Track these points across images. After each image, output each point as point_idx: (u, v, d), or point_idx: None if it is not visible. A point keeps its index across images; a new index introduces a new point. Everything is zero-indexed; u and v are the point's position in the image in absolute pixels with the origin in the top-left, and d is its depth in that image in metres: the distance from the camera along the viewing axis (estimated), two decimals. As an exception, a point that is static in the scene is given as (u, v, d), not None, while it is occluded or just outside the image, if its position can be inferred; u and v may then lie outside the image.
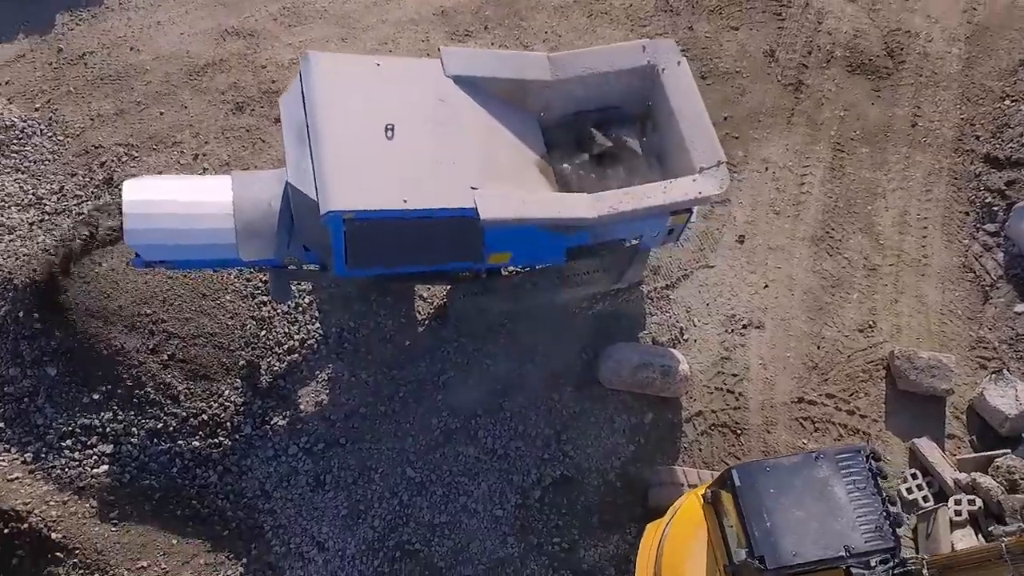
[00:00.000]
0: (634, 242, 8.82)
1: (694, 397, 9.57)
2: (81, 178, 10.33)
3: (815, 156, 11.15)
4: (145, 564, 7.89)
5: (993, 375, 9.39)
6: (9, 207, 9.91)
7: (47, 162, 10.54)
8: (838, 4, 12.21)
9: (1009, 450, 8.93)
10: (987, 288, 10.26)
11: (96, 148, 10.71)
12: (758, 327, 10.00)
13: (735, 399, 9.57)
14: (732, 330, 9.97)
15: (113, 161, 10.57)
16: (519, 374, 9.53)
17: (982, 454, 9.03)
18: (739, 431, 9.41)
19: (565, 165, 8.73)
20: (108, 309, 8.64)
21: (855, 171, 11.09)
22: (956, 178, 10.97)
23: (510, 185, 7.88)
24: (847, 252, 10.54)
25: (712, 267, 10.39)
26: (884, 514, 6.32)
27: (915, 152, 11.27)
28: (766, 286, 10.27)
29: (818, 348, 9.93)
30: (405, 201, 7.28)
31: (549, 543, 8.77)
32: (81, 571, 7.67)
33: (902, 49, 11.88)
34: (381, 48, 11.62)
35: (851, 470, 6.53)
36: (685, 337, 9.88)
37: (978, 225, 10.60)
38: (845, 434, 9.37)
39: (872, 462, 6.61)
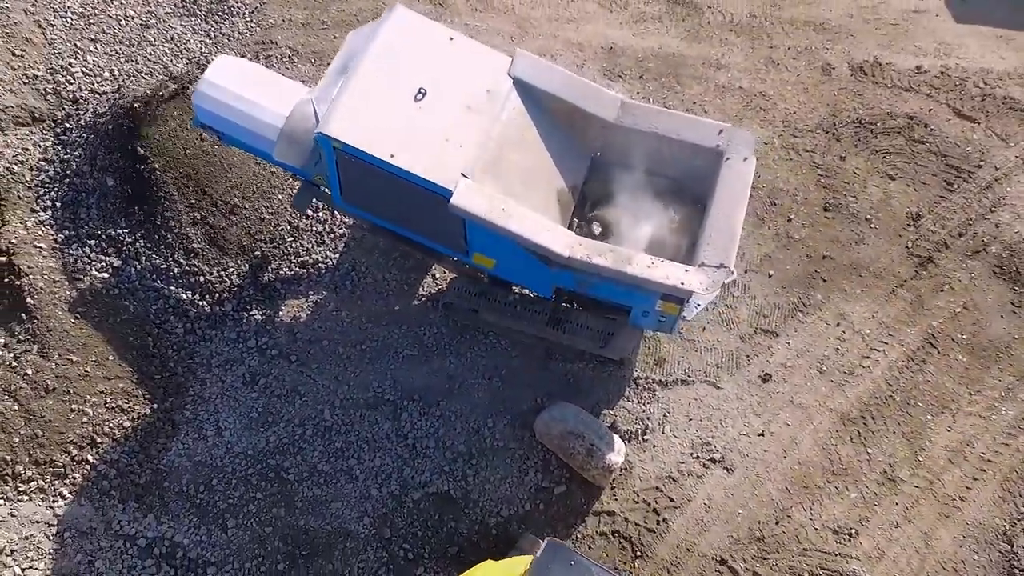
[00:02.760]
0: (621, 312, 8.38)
1: (617, 497, 8.85)
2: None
3: (900, 338, 9.78)
4: (75, 359, 8.91)
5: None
6: (180, 57, 11.61)
7: (231, 39, 12.17)
8: (1024, 201, 10.64)
9: None
10: (1018, 569, 8.37)
11: (271, 43, 12.18)
12: (726, 468, 9.00)
13: (657, 523, 8.70)
14: (697, 457, 9.07)
15: (276, 58, 11.96)
16: (472, 384, 9.43)
17: None
18: (640, 554, 8.55)
19: (590, 212, 8.52)
20: (173, 154, 9.85)
21: (937, 375, 9.57)
22: (1055, 439, 9.08)
23: (509, 194, 7.86)
24: (873, 448, 9.13)
25: (719, 388, 9.51)
26: None
27: (1022, 390, 9.47)
28: (762, 434, 9.21)
29: (776, 523, 8.72)
30: (392, 156, 7.56)
31: (399, 545, 8.60)
32: (25, 337, 8.83)
33: (1074, 278, 10.07)
34: (541, 57, 12.01)
35: None
36: (646, 437, 9.16)
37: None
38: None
39: None
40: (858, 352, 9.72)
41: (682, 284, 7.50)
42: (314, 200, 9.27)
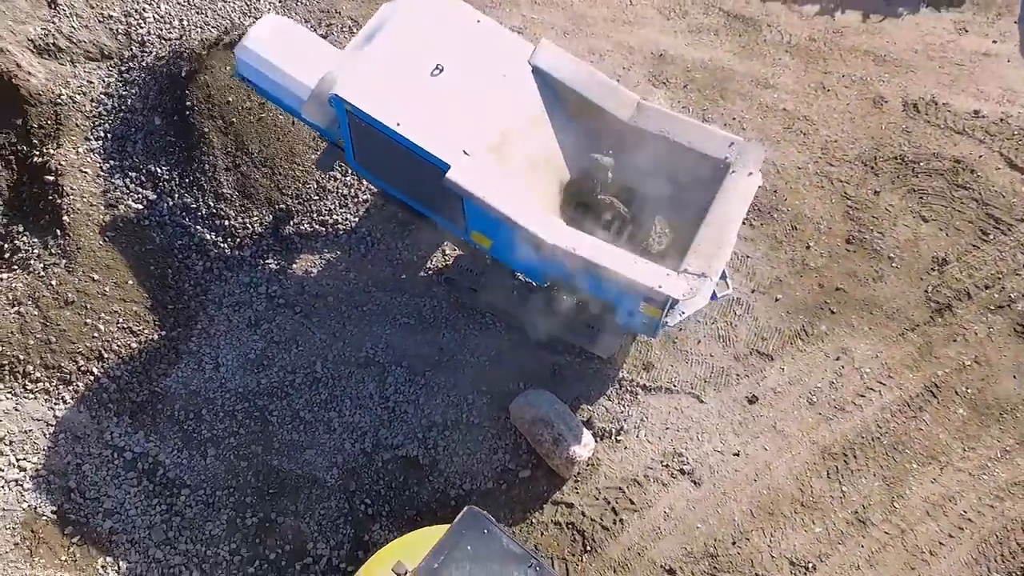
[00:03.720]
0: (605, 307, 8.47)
1: (579, 490, 8.94)
2: (305, 25, 12.35)
3: (900, 381, 9.51)
4: (97, 279, 9.57)
5: None
6: (248, 15, 12.23)
7: (299, 4, 12.74)
8: (1065, 263, 10.15)
9: None
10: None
11: (335, 13, 12.68)
12: (693, 481, 8.97)
13: (613, 522, 8.75)
14: (667, 465, 9.06)
15: (336, 27, 12.46)
16: (460, 359, 9.67)
17: None
18: (590, 549, 8.62)
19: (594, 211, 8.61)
20: (219, 104, 10.42)
21: (932, 425, 9.27)
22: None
23: (509, 178, 8.05)
24: (848, 487, 8.93)
25: (703, 403, 9.47)
26: None
27: (1020, 454, 9.08)
28: (737, 454, 9.13)
29: (733, 544, 8.65)
30: (398, 124, 7.86)
31: (361, 499, 8.92)
32: (56, 252, 9.54)
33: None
34: (585, 56, 12.15)
35: None
36: (619, 438, 9.21)
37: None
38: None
39: None
40: (853, 389, 9.50)
41: (660, 287, 7.53)
42: (339, 163, 9.67)
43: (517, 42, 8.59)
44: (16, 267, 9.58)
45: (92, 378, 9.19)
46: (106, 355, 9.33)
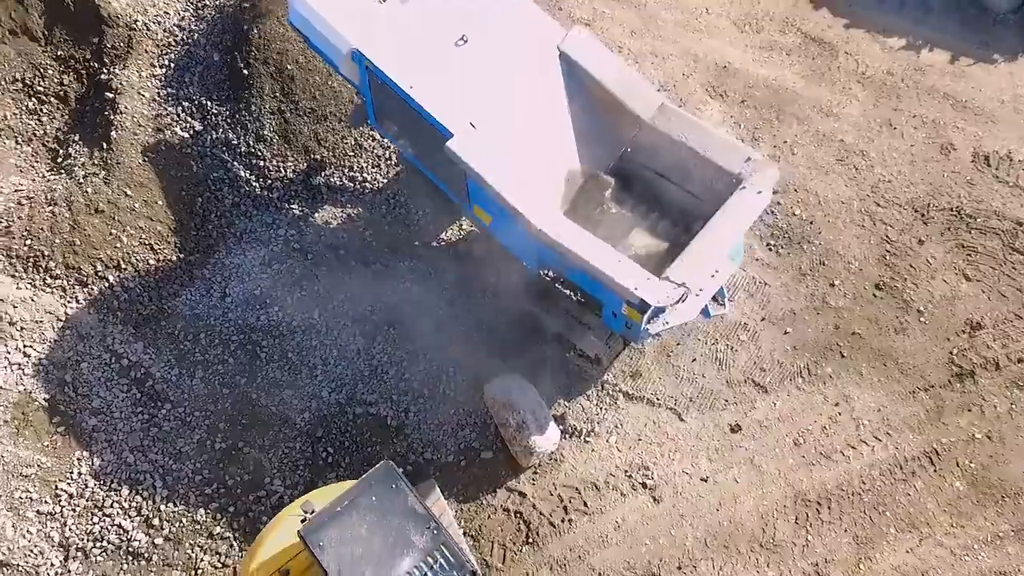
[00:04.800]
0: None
1: (536, 482, 8.85)
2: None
3: (899, 441, 8.95)
4: (130, 194, 10.12)
5: None
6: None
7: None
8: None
9: None
10: None
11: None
12: (653, 498, 8.73)
13: (562, 520, 8.63)
14: (630, 476, 8.85)
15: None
16: (453, 332, 9.73)
17: None
18: (532, 541, 8.53)
19: (600, 206, 8.46)
20: (275, 49, 10.80)
21: (924, 492, 8.69)
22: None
23: (512, 158, 8.01)
24: (815, 538, 8.49)
25: (683, 421, 9.19)
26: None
27: (1013, 544, 8.38)
28: (705, 480, 8.82)
29: (679, 568, 8.38)
30: (411, 87, 7.95)
31: (324, 447, 9.13)
32: (98, 162, 10.15)
33: None
34: (646, 57, 11.94)
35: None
36: (588, 439, 9.06)
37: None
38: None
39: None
40: (845, 438, 9.00)
41: (635, 289, 7.34)
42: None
43: (550, 25, 8.51)
44: (62, 171, 10.25)
45: (106, 284, 9.73)
46: (124, 266, 9.86)
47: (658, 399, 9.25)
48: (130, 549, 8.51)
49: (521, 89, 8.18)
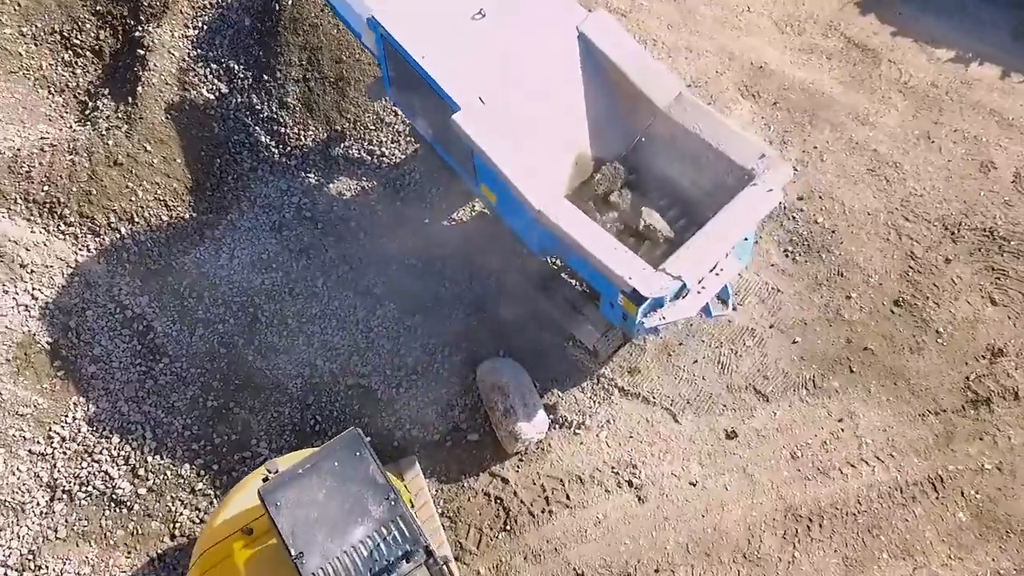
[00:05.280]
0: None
1: (520, 470, 8.70)
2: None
3: (902, 463, 8.57)
4: (150, 149, 10.23)
5: None
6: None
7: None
8: None
9: None
10: None
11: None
12: (639, 497, 8.50)
13: (542, 511, 8.46)
14: (617, 473, 8.64)
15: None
16: (452, 313, 9.63)
17: None
18: (510, 529, 8.38)
19: (608, 195, 8.26)
20: (305, 17, 10.82)
21: (923, 519, 8.30)
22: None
23: (520, 137, 7.85)
24: (802, 555, 8.17)
25: (678, 423, 8.94)
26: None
27: (1015, 580, 7.95)
28: (694, 484, 8.57)
29: (656, 572, 8.14)
30: (423, 57, 7.85)
31: (313, 415, 9.10)
32: (121, 116, 10.29)
33: None
34: (680, 52, 11.67)
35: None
36: (577, 431, 8.87)
37: None
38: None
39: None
40: (846, 456, 8.64)
41: (629, 279, 7.12)
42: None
43: (572, 5, 8.33)
44: (88, 122, 10.42)
45: (118, 236, 9.86)
46: (137, 219, 9.98)
47: (654, 398, 9.01)
48: (114, 496, 8.59)
49: (535, 68, 8.02)
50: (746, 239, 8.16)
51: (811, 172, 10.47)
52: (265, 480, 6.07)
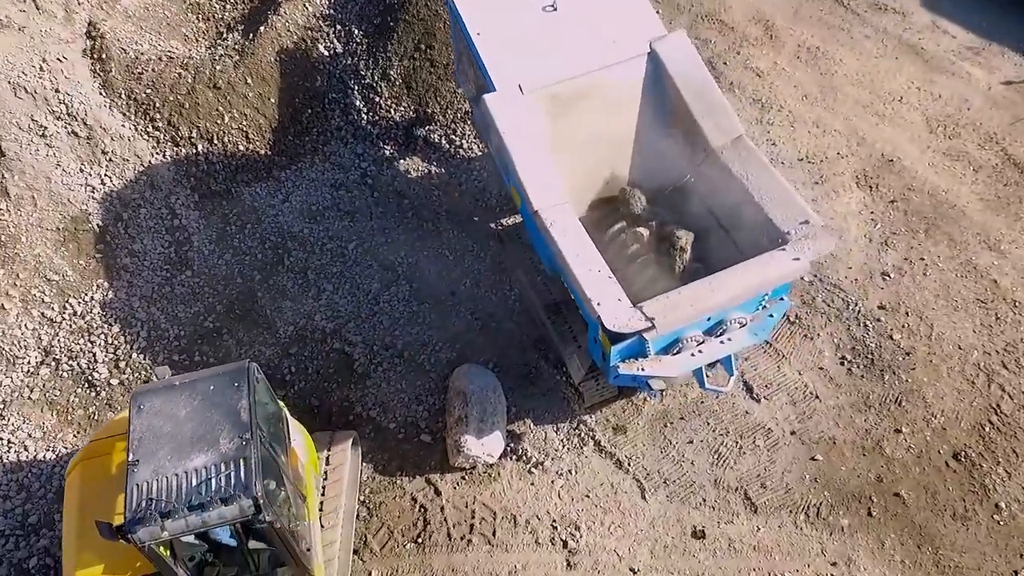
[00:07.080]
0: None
1: (459, 488, 8.02)
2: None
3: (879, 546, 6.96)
4: (249, 83, 10.68)
5: None
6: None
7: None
8: None
9: None
10: None
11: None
12: (568, 563, 7.53)
13: (462, 537, 7.71)
14: (556, 527, 7.73)
15: None
16: (459, 310, 9.26)
17: None
18: (422, 542, 7.70)
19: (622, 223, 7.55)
20: (433, 11, 10.97)
21: None
22: None
23: (553, 138, 7.37)
24: None
25: (644, 500, 7.88)
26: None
27: None
28: (634, 572, 7.46)
29: (553, 648, 7.08)
30: (478, 34, 7.61)
31: (290, 365, 8.96)
32: (236, 48, 10.88)
33: None
34: (806, 124, 10.64)
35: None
36: (532, 469, 8.05)
37: None
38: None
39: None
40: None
41: (597, 304, 6.34)
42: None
43: (651, 20, 7.76)
44: (209, 48, 11.16)
45: (194, 151, 10.39)
46: (215, 143, 10.47)
47: (630, 465, 8.00)
48: (90, 378, 8.87)
49: (592, 73, 7.51)
50: (771, 316, 7.07)
51: (905, 283, 9.02)
52: (146, 382, 5.90)
